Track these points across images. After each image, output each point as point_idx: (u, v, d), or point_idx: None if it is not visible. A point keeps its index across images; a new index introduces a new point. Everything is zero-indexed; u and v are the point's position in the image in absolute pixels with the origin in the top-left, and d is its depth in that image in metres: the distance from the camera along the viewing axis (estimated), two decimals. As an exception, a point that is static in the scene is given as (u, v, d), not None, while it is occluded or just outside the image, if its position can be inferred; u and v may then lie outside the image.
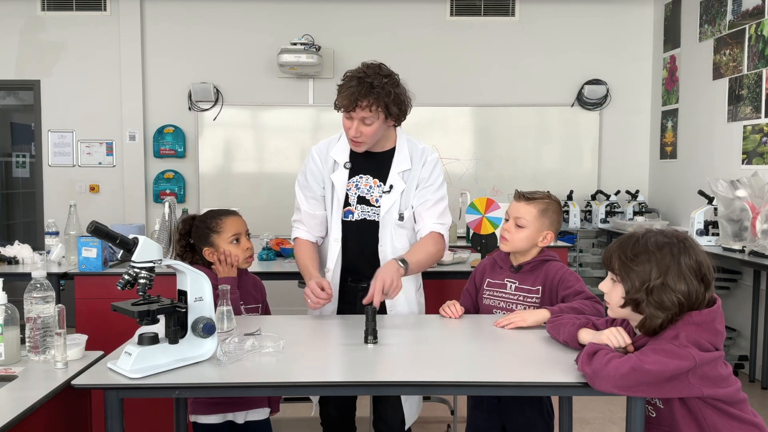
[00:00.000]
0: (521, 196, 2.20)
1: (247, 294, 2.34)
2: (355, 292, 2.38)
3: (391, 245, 2.35)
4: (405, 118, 2.34)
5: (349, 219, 2.36)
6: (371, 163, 2.37)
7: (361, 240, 2.36)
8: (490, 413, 2.22)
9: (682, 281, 1.54)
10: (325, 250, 2.44)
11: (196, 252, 2.31)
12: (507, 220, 2.22)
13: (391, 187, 2.35)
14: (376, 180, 2.36)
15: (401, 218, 2.36)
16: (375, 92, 2.17)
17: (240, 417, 2.26)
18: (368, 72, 2.20)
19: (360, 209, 2.35)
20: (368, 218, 2.35)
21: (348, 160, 2.36)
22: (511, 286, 2.23)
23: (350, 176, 2.37)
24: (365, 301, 2.06)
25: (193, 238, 2.32)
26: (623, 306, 1.61)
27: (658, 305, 1.54)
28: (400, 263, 2.19)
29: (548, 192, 2.24)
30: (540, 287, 2.17)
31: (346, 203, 2.36)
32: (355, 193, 2.36)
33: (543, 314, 2.01)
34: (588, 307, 1.99)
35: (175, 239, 2.38)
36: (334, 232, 2.36)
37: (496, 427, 2.21)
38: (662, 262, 1.55)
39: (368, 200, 2.35)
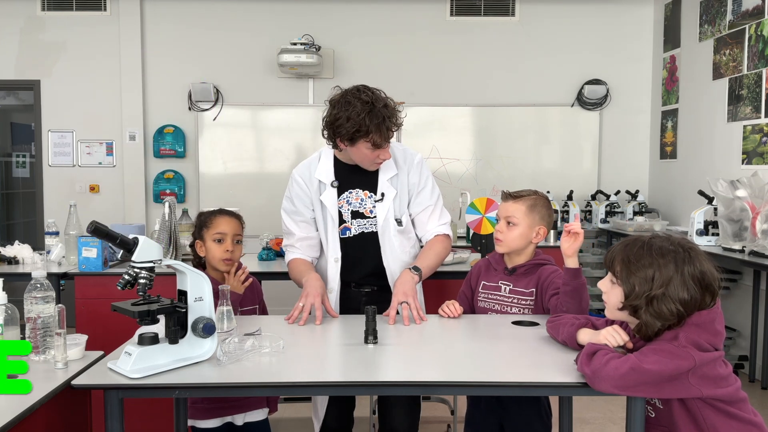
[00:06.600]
0: (508, 196, 2.24)
1: (243, 297, 2.33)
2: (359, 297, 2.38)
3: (392, 252, 2.34)
4: None
5: (346, 236, 2.34)
6: (357, 175, 2.34)
7: (362, 254, 2.34)
8: (489, 412, 2.22)
9: (684, 292, 1.52)
10: (323, 270, 2.39)
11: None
12: (499, 221, 2.24)
13: (382, 195, 2.34)
14: (366, 191, 2.35)
15: (400, 223, 2.36)
16: (394, 122, 2.20)
17: (239, 419, 2.26)
18: (379, 103, 2.17)
19: (356, 224, 2.34)
20: (366, 231, 2.34)
21: (334, 178, 2.34)
22: (505, 288, 2.23)
23: (339, 193, 2.35)
24: (387, 316, 2.11)
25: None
26: (621, 309, 1.62)
27: (656, 314, 1.54)
28: (413, 272, 2.23)
29: (534, 189, 2.26)
30: (533, 289, 2.18)
31: (341, 221, 2.34)
32: (348, 209, 2.34)
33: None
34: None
35: (191, 233, 2.47)
36: (333, 252, 2.34)
37: (494, 426, 2.21)
38: (665, 271, 1.53)
39: (362, 213, 2.34)
